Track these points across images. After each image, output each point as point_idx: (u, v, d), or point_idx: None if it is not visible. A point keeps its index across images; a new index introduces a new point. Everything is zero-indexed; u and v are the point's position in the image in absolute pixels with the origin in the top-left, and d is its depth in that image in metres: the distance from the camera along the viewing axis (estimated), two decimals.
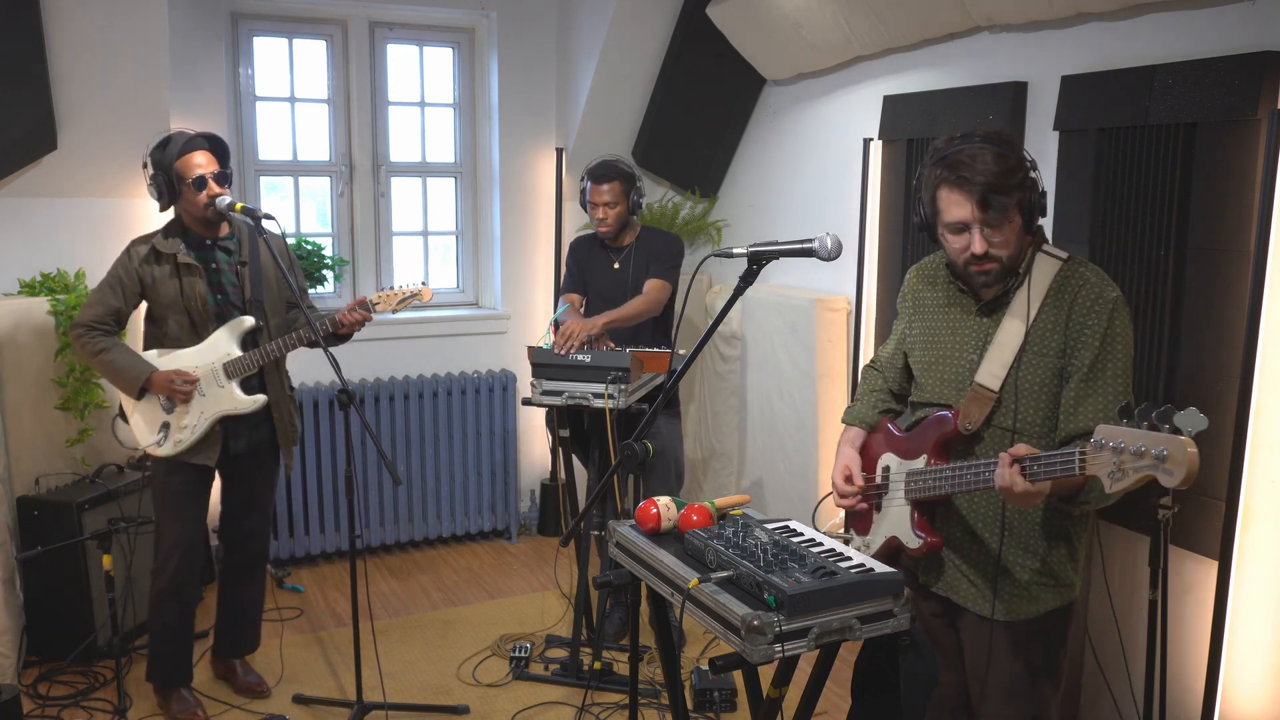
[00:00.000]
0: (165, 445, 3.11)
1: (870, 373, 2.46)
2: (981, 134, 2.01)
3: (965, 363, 2.14)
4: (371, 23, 4.63)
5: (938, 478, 2.09)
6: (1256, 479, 2.55)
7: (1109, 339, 1.99)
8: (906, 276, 2.36)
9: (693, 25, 4.45)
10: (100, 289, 3.11)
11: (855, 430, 2.38)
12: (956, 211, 2.00)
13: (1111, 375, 1.99)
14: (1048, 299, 2.04)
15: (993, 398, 2.06)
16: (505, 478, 4.89)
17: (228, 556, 3.42)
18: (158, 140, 3.08)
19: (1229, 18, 2.61)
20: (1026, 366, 2.04)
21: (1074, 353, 2.01)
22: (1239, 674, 2.62)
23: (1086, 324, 2.00)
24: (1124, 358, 2.00)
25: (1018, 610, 2.12)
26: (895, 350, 2.38)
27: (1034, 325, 2.04)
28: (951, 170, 1.99)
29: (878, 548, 2.24)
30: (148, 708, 3.28)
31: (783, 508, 4.28)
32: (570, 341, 3.42)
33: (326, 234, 4.73)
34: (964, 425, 2.09)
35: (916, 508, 2.16)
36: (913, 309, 2.31)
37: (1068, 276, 2.05)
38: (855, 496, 2.28)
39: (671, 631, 2.20)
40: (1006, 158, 1.97)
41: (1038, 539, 2.10)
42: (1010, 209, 1.98)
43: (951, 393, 2.16)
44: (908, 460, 2.19)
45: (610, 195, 3.68)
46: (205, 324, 3.13)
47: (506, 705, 3.36)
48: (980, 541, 2.14)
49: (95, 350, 3.07)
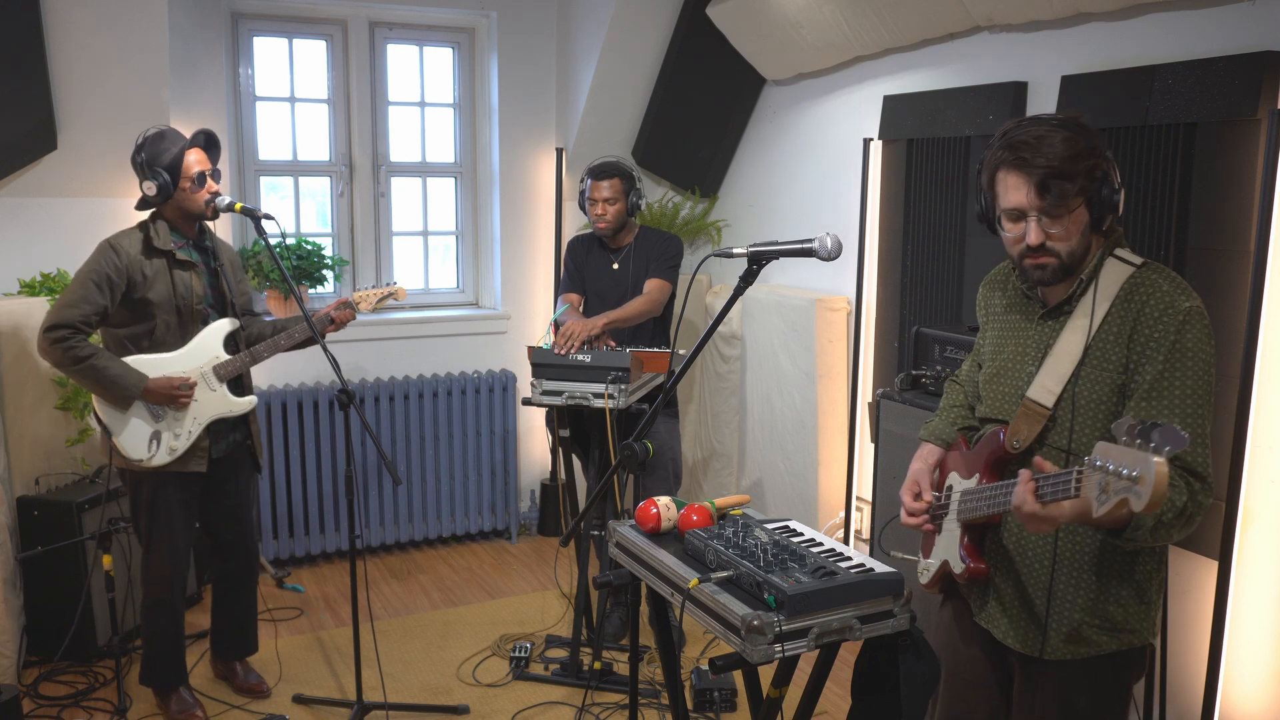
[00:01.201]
0: (159, 455, 3.01)
1: (952, 387, 2.29)
2: (1056, 118, 1.84)
3: (1024, 375, 1.95)
4: (371, 23, 4.63)
5: (979, 497, 1.93)
6: (1256, 479, 2.55)
7: (1177, 354, 1.76)
8: (980, 286, 2.18)
9: (693, 25, 4.45)
10: (83, 287, 2.89)
11: (929, 446, 2.19)
12: (1014, 196, 1.82)
13: (1179, 395, 1.76)
14: (1114, 308, 1.83)
15: (1045, 414, 1.88)
16: (505, 478, 4.89)
17: (219, 564, 3.39)
18: (149, 135, 2.98)
19: (1229, 18, 2.61)
20: (1085, 381, 1.85)
21: (1137, 368, 1.80)
22: (1239, 674, 2.62)
23: (1153, 337, 1.78)
24: (1196, 375, 1.76)
25: (1062, 651, 1.91)
26: (972, 363, 2.21)
27: (1096, 336, 1.84)
28: (1013, 151, 1.81)
29: (934, 571, 2.09)
30: (147, 708, 3.28)
31: (783, 508, 4.28)
32: (570, 342, 3.42)
33: (326, 234, 4.73)
34: (1010, 443, 1.91)
35: (966, 530, 2.00)
36: (985, 317, 2.14)
37: (1138, 283, 1.83)
38: (923, 515, 2.09)
39: (671, 631, 2.20)
40: (1076, 142, 1.78)
41: (1089, 574, 1.89)
42: (1072, 198, 1.79)
43: (1009, 407, 1.98)
44: (965, 479, 2.04)
45: (610, 192, 3.68)
46: (192, 324, 3.04)
47: (506, 705, 3.36)
48: (1028, 572, 1.95)
49: (79, 357, 2.86)
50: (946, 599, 2.16)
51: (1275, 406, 2.50)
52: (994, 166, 1.86)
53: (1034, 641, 1.93)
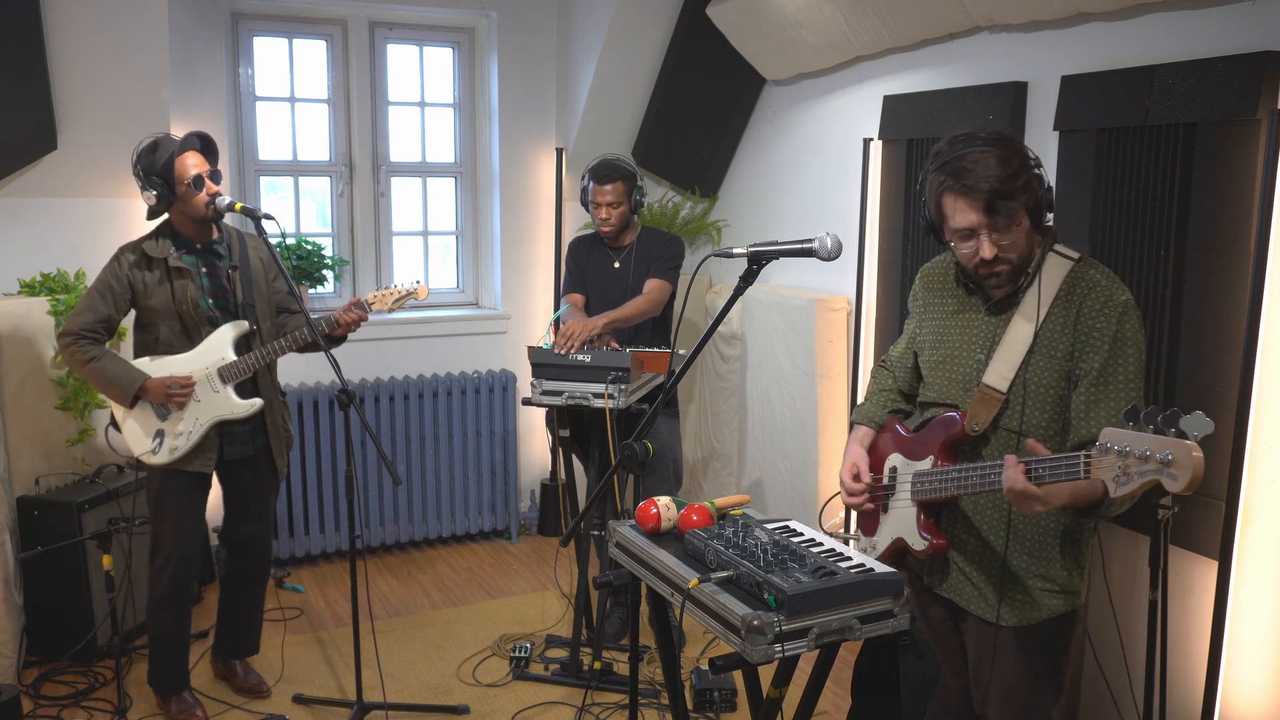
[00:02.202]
0: (160, 453, 3.07)
1: (880, 372, 2.45)
2: (983, 136, 1.99)
3: (973, 363, 2.12)
4: (371, 23, 4.63)
5: (944, 479, 2.07)
6: (1256, 479, 2.55)
7: (1119, 343, 1.97)
8: (917, 276, 2.34)
9: (693, 25, 4.45)
10: (89, 296, 3.04)
11: (864, 429, 2.35)
12: (962, 219, 1.99)
13: (1123, 380, 1.97)
14: (1057, 300, 2.02)
15: (1000, 399, 2.05)
16: (505, 478, 4.89)
17: (230, 562, 3.41)
18: (143, 146, 3.02)
19: (1229, 18, 2.61)
20: (1034, 368, 2.03)
21: (1082, 356, 1.99)
22: (1239, 674, 2.62)
23: (1095, 327, 1.98)
24: (1135, 362, 1.98)
25: (1022, 615, 2.10)
26: (905, 349, 2.36)
27: (1043, 326, 2.02)
28: (955, 178, 1.97)
29: (883, 549, 2.23)
30: (148, 708, 3.28)
31: (783, 508, 4.28)
32: (571, 341, 3.41)
33: (326, 234, 4.73)
34: (970, 426, 2.07)
35: (923, 509, 2.15)
36: (923, 308, 2.30)
37: (1078, 278, 2.02)
38: (863, 495, 2.26)
39: (671, 631, 2.20)
40: (1010, 160, 1.95)
41: (1044, 544, 2.08)
42: (1017, 212, 1.96)
43: (959, 393, 2.14)
44: (914, 461, 2.18)
45: (613, 195, 3.68)
46: (197, 328, 3.08)
47: (506, 705, 3.36)
48: (986, 545, 2.13)
49: (85, 359, 3.00)
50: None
51: (1275, 406, 2.50)
52: (938, 191, 2.02)
53: (992, 608, 2.11)
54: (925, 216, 2.09)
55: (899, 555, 2.21)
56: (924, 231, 2.13)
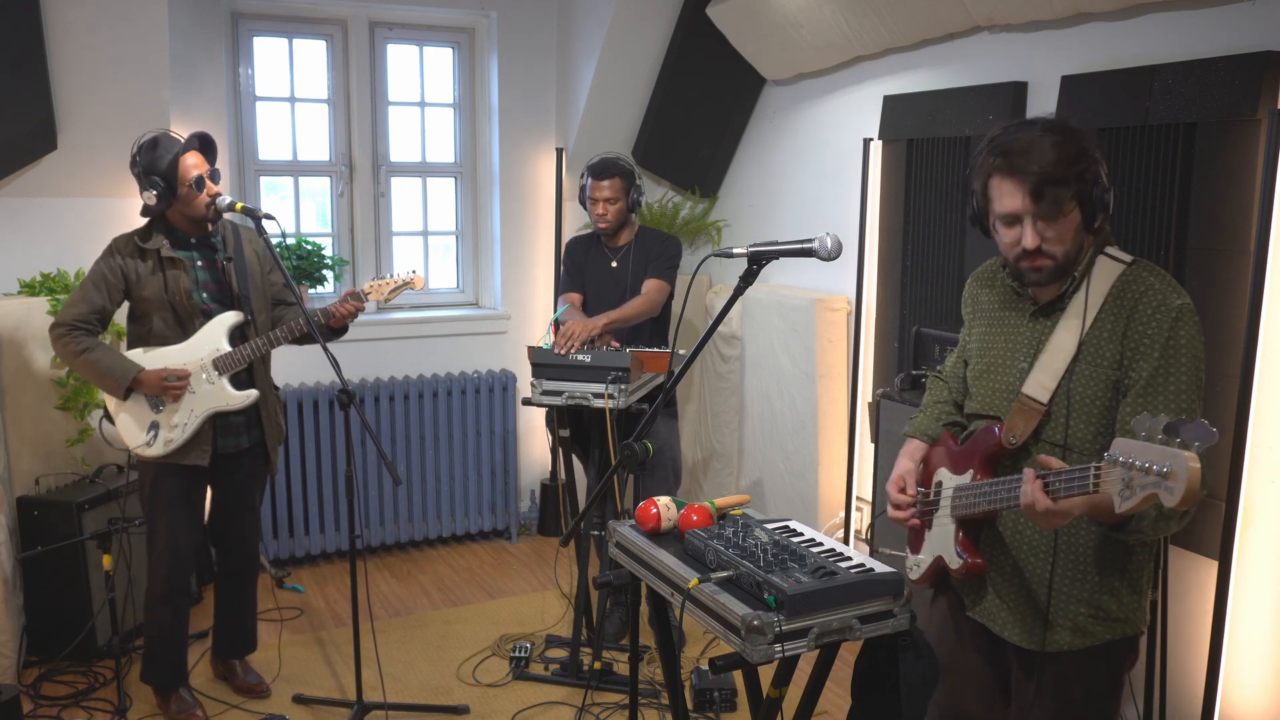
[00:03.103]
0: (155, 445, 3.05)
1: (935, 383, 2.31)
2: (1044, 121, 1.88)
3: (1016, 371, 1.98)
4: (371, 23, 4.63)
5: (976, 494, 1.95)
6: (1256, 479, 2.55)
7: (1171, 351, 1.81)
8: (967, 282, 2.21)
9: (693, 25, 4.45)
10: (83, 288, 3.03)
11: (915, 442, 2.21)
12: (1009, 202, 1.86)
13: (1174, 390, 1.81)
14: (1106, 305, 1.88)
15: (1040, 410, 1.91)
16: (505, 478, 4.89)
17: (222, 561, 3.40)
18: (143, 142, 3.01)
19: (1229, 18, 2.61)
20: (1079, 377, 1.89)
21: (1131, 365, 1.84)
22: (1239, 674, 2.62)
23: (1146, 334, 1.83)
24: (1189, 372, 1.81)
25: (1061, 642, 1.94)
26: (957, 359, 2.23)
27: (1090, 333, 1.88)
28: (1005, 158, 1.85)
29: (926, 567, 2.11)
30: (147, 708, 3.28)
31: (783, 508, 4.28)
32: (571, 342, 3.42)
33: (326, 234, 4.73)
34: (1008, 439, 1.94)
35: (961, 526, 2.02)
36: (972, 314, 2.16)
37: (1130, 281, 1.88)
38: (909, 510, 2.11)
39: (671, 631, 2.20)
40: (1066, 146, 1.82)
41: (1089, 567, 1.93)
42: (1066, 201, 1.83)
43: (1001, 403, 2.01)
44: (957, 475, 2.05)
45: (610, 191, 3.68)
46: (191, 319, 3.07)
47: (506, 705, 3.36)
48: (1027, 566, 1.98)
49: (78, 350, 2.98)
50: (938, 594, 2.18)
51: (1275, 406, 2.50)
52: (986, 172, 1.90)
53: (1035, 634, 1.95)
54: (973, 205, 1.97)
55: (941, 574, 2.09)
56: (970, 223, 2.01)
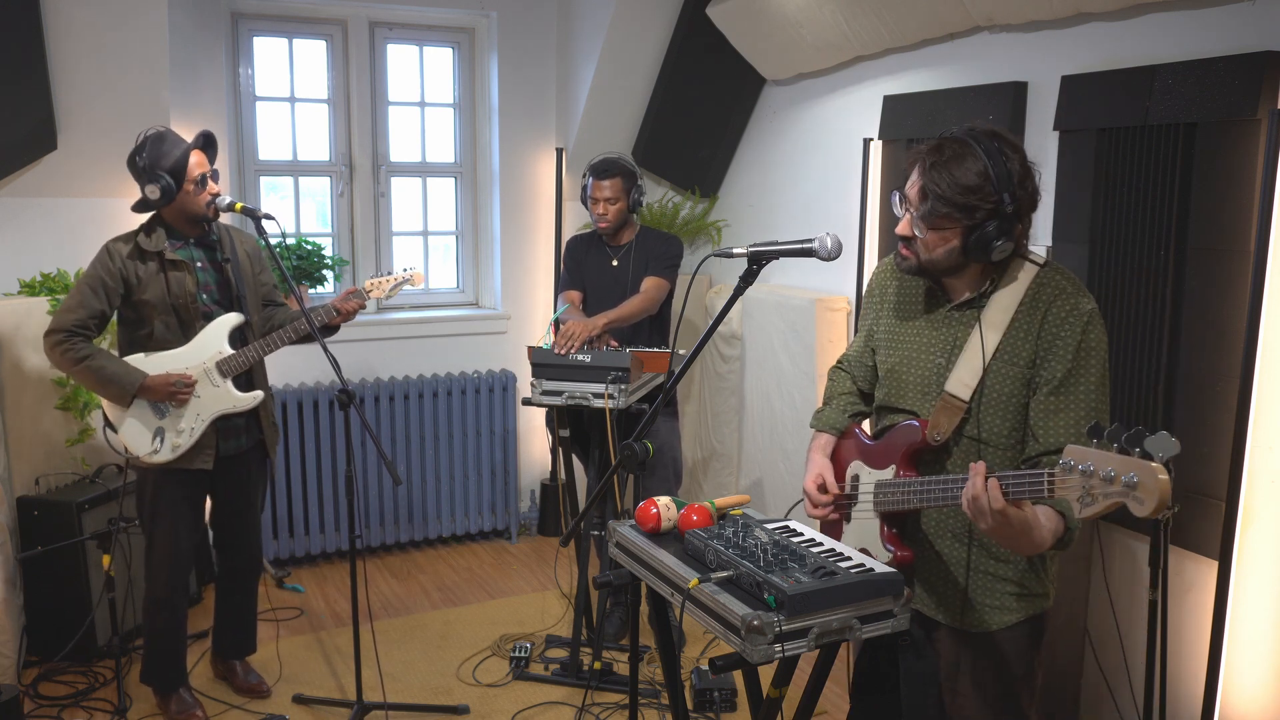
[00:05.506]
0: (163, 452, 3.03)
1: (838, 374, 2.35)
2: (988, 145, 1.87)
3: (933, 367, 2.03)
4: (371, 23, 4.63)
5: (906, 491, 1.99)
6: (1256, 479, 2.55)
7: (1083, 353, 1.89)
8: (875, 269, 2.24)
9: (693, 25, 4.45)
10: (79, 292, 2.96)
11: (825, 436, 2.25)
12: (908, 186, 1.95)
13: (1085, 390, 1.89)
14: (1022, 306, 1.94)
15: (963, 407, 1.96)
16: (505, 478, 4.89)
17: (224, 562, 3.40)
18: (149, 136, 2.98)
19: (1229, 18, 2.61)
20: (994, 375, 1.94)
21: (1044, 364, 1.91)
22: (1239, 674, 2.62)
23: (1060, 335, 1.90)
24: (1099, 373, 1.90)
25: (987, 621, 2.03)
26: (863, 347, 2.27)
27: (1006, 333, 1.94)
28: (928, 151, 1.91)
29: None
30: (148, 708, 3.28)
31: (782, 508, 4.28)
32: (571, 342, 3.42)
33: (326, 234, 4.73)
34: (932, 436, 1.99)
35: (885, 520, 2.06)
36: (879, 303, 2.20)
37: (1044, 283, 1.94)
38: (829, 507, 2.15)
39: (671, 631, 2.20)
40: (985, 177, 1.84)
41: (1002, 549, 2.00)
42: (943, 221, 1.88)
43: (917, 398, 2.05)
44: (876, 470, 2.09)
45: (611, 191, 3.68)
46: (193, 322, 3.04)
47: (506, 705, 3.36)
48: (949, 552, 2.06)
49: (78, 357, 2.92)
50: None
51: (1275, 406, 2.50)
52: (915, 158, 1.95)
53: (959, 614, 2.05)
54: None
55: None
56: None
